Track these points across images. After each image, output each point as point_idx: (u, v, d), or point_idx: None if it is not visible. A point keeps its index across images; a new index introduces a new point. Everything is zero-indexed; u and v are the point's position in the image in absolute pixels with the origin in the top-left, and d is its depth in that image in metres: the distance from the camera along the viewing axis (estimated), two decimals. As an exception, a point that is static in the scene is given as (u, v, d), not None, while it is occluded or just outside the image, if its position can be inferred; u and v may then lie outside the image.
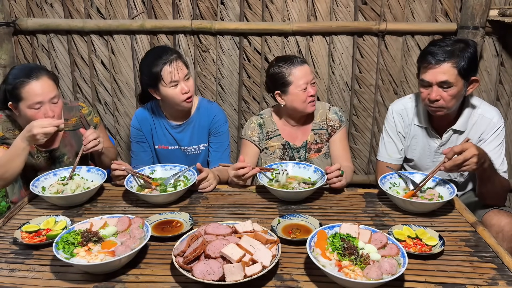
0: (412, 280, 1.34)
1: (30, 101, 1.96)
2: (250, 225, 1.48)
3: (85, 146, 1.95)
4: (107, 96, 3.07)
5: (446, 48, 1.92)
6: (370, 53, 2.91)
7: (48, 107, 1.99)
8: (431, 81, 1.94)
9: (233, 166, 1.96)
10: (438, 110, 1.98)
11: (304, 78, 2.16)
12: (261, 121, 2.32)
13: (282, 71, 2.18)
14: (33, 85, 1.96)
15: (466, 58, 1.90)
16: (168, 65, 2.12)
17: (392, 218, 1.73)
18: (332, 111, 2.32)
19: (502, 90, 2.96)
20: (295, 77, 2.15)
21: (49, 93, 1.99)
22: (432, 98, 1.94)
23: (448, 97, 1.93)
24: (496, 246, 1.50)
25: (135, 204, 1.85)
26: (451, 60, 1.90)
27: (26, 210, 1.81)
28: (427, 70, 1.94)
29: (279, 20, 2.87)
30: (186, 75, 2.17)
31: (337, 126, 2.30)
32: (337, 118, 2.30)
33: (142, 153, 2.40)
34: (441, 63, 1.90)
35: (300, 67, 2.17)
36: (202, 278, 1.24)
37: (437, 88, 1.93)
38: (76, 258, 1.33)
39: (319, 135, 2.32)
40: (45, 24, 2.86)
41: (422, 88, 2.00)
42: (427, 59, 1.94)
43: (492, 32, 2.80)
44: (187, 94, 2.16)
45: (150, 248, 1.51)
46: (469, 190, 2.24)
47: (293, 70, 2.16)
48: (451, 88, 1.92)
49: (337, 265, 1.29)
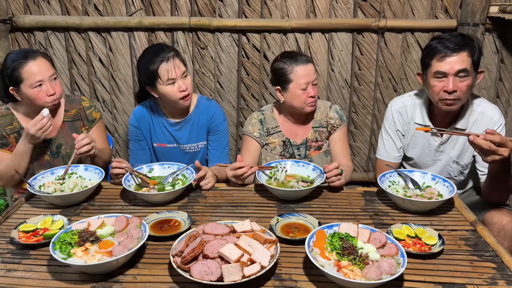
0: (411, 279, 1.33)
1: (31, 80, 2.02)
2: (249, 224, 1.47)
3: (78, 151, 1.96)
4: (105, 94, 3.05)
5: (457, 39, 1.92)
6: (370, 50, 2.89)
7: (49, 85, 2.06)
8: (448, 71, 1.91)
9: (231, 166, 1.95)
10: (453, 103, 1.95)
11: (306, 77, 2.12)
12: (262, 117, 2.30)
13: (284, 68, 2.15)
14: (31, 65, 2.03)
15: (477, 49, 1.92)
16: (165, 63, 2.10)
17: (392, 216, 1.72)
18: (333, 110, 2.29)
19: (502, 87, 2.95)
20: (296, 76, 2.13)
21: (47, 71, 2.06)
22: (450, 89, 1.91)
23: (464, 87, 1.92)
24: (496, 245, 1.49)
25: (133, 203, 1.84)
26: (466, 49, 1.90)
27: (23, 209, 1.80)
28: (443, 59, 1.91)
29: (278, 17, 2.85)
30: (183, 73, 2.15)
31: (337, 125, 2.28)
32: (337, 116, 2.28)
33: (140, 151, 2.39)
34: (458, 52, 1.90)
35: (303, 66, 2.13)
36: (200, 278, 1.23)
37: (454, 78, 1.91)
38: (73, 259, 1.32)
39: (319, 132, 2.30)
40: (42, 21, 2.84)
41: (435, 81, 1.95)
42: (440, 50, 1.92)
43: (492, 29, 2.79)
44: (184, 92, 2.15)
45: (148, 247, 1.50)
46: (469, 188, 2.23)
47: (295, 68, 2.13)
48: (467, 78, 1.91)
49: (336, 265, 1.28)
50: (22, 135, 2.03)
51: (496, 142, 1.64)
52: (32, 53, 2.07)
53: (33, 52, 2.09)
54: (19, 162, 2.04)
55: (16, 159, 2.04)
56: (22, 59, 2.03)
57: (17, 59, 2.03)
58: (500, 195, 1.97)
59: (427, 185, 1.88)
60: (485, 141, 1.64)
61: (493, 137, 1.64)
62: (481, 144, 1.65)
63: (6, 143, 2.14)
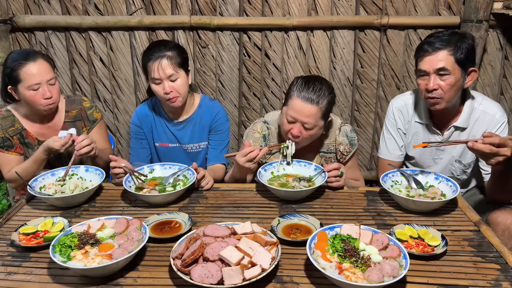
0: (414, 282, 1.31)
1: (29, 82, 2.02)
2: (249, 226, 1.45)
3: (78, 152, 1.95)
4: (106, 93, 3.05)
5: (442, 37, 1.92)
6: (372, 48, 2.87)
7: (46, 88, 2.05)
8: (428, 70, 1.92)
9: (241, 152, 1.88)
10: (436, 102, 1.95)
11: (296, 114, 1.91)
12: (266, 132, 2.14)
13: (292, 89, 1.95)
14: (30, 67, 2.02)
15: (464, 48, 1.89)
16: (152, 61, 2.10)
17: (394, 217, 1.70)
18: (343, 133, 2.10)
19: (506, 84, 2.92)
20: (291, 105, 1.93)
21: (46, 75, 2.05)
22: (430, 88, 1.91)
23: (446, 86, 1.90)
24: (500, 246, 1.47)
25: (133, 204, 1.83)
26: (448, 47, 1.89)
27: (24, 211, 1.79)
28: (424, 58, 1.93)
29: (279, 14, 2.83)
30: (170, 75, 2.09)
31: (347, 152, 2.11)
32: (347, 142, 2.10)
33: (141, 149, 2.38)
34: (438, 51, 1.90)
35: (301, 103, 1.89)
36: (200, 281, 1.22)
37: (435, 76, 1.91)
38: (73, 262, 1.31)
39: (326, 158, 2.15)
40: (43, 21, 2.83)
41: (419, 80, 1.98)
42: (423, 48, 1.94)
43: (496, 26, 2.76)
44: (168, 95, 2.12)
45: (149, 249, 1.49)
46: (472, 187, 2.21)
47: (295, 98, 1.91)
48: (449, 76, 1.89)
49: (338, 268, 1.26)
50: (41, 146, 2.04)
51: (495, 144, 1.63)
52: (33, 55, 2.07)
53: (34, 54, 2.08)
54: (37, 168, 2.06)
55: (35, 166, 2.06)
56: (22, 59, 2.03)
57: (18, 59, 2.04)
58: (505, 194, 1.95)
59: (430, 184, 1.86)
60: (485, 145, 1.63)
61: (492, 139, 1.62)
62: (481, 149, 1.64)
63: (11, 145, 2.15)
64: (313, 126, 1.93)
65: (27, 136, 2.18)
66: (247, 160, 1.86)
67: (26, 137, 2.18)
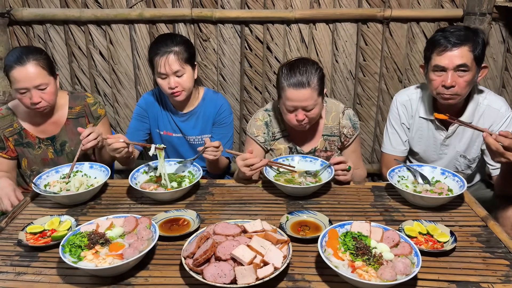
0: (425, 278, 1.32)
1: (16, 85, 1.97)
2: (260, 224, 1.45)
3: (84, 146, 1.91)
4: (106, 87, 3.01)
5: (459, 33, 1.89)
6: (375, 41, 2.85)
7: (34, 94, 1.97)
8: (447, 66, 1.88)
9: (241, 156, 1.89)
10: (451, 98, 1.93)
11: (294, 102, 1.92)
12: (268, 119, 2.15)
13: (280, 81, 1.96)
14: (17, 71, 1.94)
15: (480, 44, 1.88)
16: (159, 56, 2.10)
17: (402, 212, 1.70)
18: (346, 116, 2.12)
19: (508, 77, 2.92)
20: (285, 96, 1.94)
21: (33, 81, 1.95)
22: (448, 84, 1.88)
23: (463, 83, 1.89)
24: (508, 241, 1.48)
25: (140, 201, 1.81)
26: (468, 43, 1.87)
27: (29, 209, 1.77)
28: (443, 53, 1.89)
29: (281, 7, 2.80)
30: (176, 71, 2.11)
31: (350, 135, 2.13)
32: (350, 125, 2.12)
33: (139, 132, 2.37)
34: (459, 46, 1.87)
35: (294, 91, 1.90)
36: (213, 281, 1.22)
37: (453, 73, 1.88)
38: (84, 262, 1.30)
39: (329, 142, 2.15)
40: (41, 14, 2.78)
41: (434, 75, 1.94)
42: (441, 43, 1.89)
43: (499, 18, 2.75)
44: (172, 90, 2.14)
45: (158, 248, 1.48)
46: (477, 181, 2.22)
47: (286, 89, 1.92)
48: (467, 73, 1.88)
49: (350, 266, 1.26)
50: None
51: (504, 145, 1.63)
52: (24, 58, 1.94)
53: (27, 56, 1.95)
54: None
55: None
56: (13, 61, 1.94)
57: (11, 59, 1.96)
58: None
59: (436, 179, 1.86)
60: (494, 142, 1.64)
61: (503, 139, 1.63)
62: (490, 144, 1.65)
63: (2, 147, 2.12)
64: (314, 105, 1.95)
65: (27, 135, 2.14)
66: (244, 165, 1.88)
67: (25, 137, 2.14)
